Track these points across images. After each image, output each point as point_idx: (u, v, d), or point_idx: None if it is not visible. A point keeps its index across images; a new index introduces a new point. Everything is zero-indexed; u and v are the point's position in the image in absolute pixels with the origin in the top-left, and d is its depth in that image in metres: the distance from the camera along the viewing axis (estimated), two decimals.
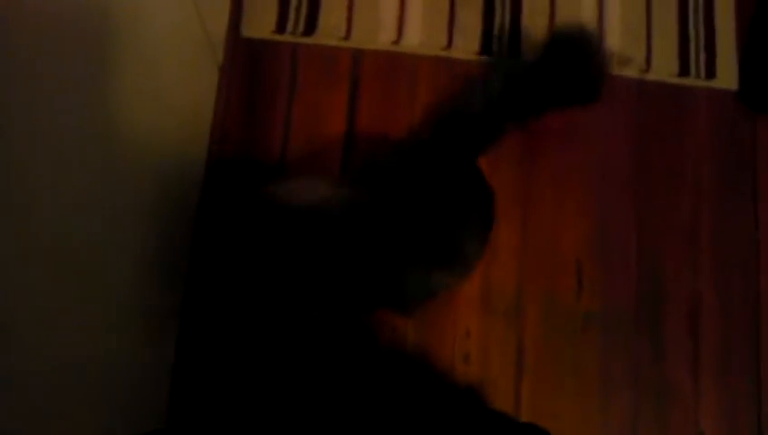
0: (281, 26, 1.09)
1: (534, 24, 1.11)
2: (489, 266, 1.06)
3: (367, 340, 1.03)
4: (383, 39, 1.10)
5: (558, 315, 1.05)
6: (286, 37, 1.09)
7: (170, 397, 0.96)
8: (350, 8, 1.10)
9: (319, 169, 1.05)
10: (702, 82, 1.12)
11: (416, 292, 0.86)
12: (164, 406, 0.94)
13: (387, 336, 1.04)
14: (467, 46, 1.09)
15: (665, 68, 1.12)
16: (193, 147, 1.01)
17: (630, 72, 1.11)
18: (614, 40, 1.12)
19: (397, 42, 1.09)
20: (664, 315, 1.05)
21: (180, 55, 0.88)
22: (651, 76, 1.12)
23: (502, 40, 1.10)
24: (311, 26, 1.10)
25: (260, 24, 1.10)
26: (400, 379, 1.03)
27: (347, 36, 1.09)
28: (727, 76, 1.12)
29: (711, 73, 1.12)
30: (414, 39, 1.09)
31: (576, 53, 0.99)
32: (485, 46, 1.10)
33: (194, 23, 0.90)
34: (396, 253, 0.72)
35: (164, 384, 0.95)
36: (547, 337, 1.04)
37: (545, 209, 1.07)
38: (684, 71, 1.12)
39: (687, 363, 1.04)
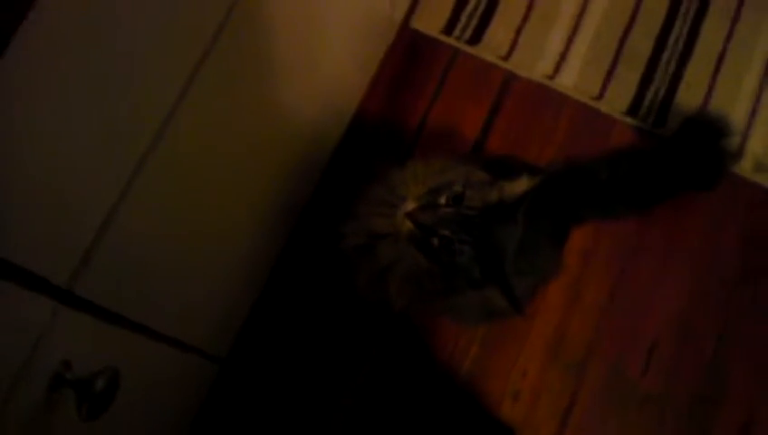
0: (449, 29, 1.12)
1: (687, 102, 1.11)
2: (568, 315, 1.07)
3: (425, 352, 1.06)
4: (539, 70, 1.11)
5: (618, 386, 1.05)
6: (450, 40, 1.12)
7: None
8: (518, 31, 1.12)
9: None
10: None
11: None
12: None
13: (448, 351, 1.06)
14: (617, 103, 1.10)
15: None
16: (342, 109, 1.09)
17: (760, 179, 1.10)
18: (756, 142, 1.11)
19: (552, 77, 1.11)
20: (716, 421, 1.05)
21: (364, 29, 0.95)
22: None
23: (651, 108, 1.10)
24: (476, 37, 1.12)
25: (430, 21, 1.13)
26: (445, 399, 1.05)
27: (506, 57, 1.11)
28: None
29: None
30: (569, 79, 1.11)
31: (704, 138, 1.00)
32: (633, 108, 1.10)
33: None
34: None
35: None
36: (600, 402, 1.05)
37: (642, 278, 1.07)
38: None
39: None
